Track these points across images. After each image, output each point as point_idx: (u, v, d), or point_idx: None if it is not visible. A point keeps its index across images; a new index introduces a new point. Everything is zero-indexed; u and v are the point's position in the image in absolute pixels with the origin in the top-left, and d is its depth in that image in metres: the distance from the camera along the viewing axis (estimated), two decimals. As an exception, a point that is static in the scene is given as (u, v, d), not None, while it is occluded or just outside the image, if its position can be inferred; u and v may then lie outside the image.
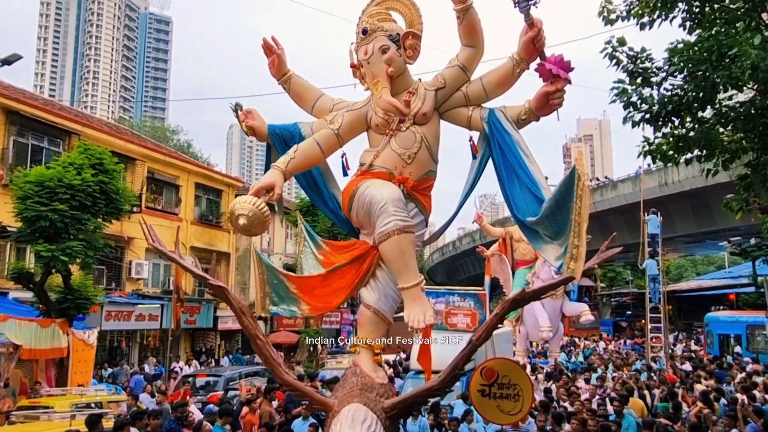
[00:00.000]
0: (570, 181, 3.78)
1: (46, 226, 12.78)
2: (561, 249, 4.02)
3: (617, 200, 31.60)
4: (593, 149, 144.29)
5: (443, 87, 4.70)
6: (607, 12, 9.33)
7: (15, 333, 12.36)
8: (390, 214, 4.21)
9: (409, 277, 4.34)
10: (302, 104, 5.27)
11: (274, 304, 5.14)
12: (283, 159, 4.59)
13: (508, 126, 4.51)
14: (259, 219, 4.20)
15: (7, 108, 18.19)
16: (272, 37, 5.09)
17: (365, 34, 4.62)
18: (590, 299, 42.32)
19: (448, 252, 59.34)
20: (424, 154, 4.67)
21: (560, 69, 4.24)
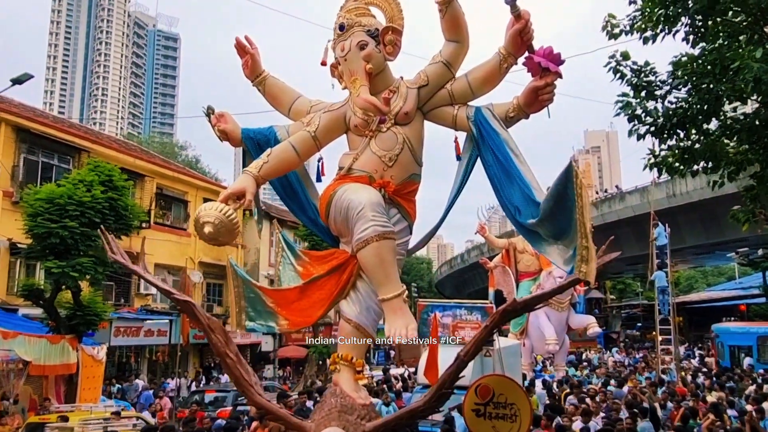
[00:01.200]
0: (566, 178, 3.54)
1: (57, 242, 12.90)
2: (569, 251, 3.77)
3: (625, 212, 31.49)
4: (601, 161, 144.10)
5: (426, 84, 4.43)
6: (610, 26, 9.39)
7: (25, 349, 12.44)
8: (368, 220, 3.90)
9: (390, 288, 4.02)
10: (278, 106, 5.00)
11: (250, 319, 4.88)
12: (255, 163, 4.32)
13: (495, 125, 4.25)
14: (227, 227, 3.92)
15: (17, 126, 18.44)
16: (245, 36, 4.85)
17: (342, 30, 4.36)
18: (600, 311, 42.08)
19: (457, 265, 59.19)
20: (407, 156, 4.39)
21: (549, 62, 3.96)
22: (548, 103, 4.16)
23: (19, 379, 12.80)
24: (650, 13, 8.74)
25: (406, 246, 4.58)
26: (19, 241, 15.42)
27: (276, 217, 34.49)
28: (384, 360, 33.56)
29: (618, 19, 9.37)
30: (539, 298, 4.38)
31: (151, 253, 21.16)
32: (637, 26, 9.02)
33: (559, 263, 3.92)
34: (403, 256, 4.52)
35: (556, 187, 3.60)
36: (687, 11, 8.28)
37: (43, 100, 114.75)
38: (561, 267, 3.90)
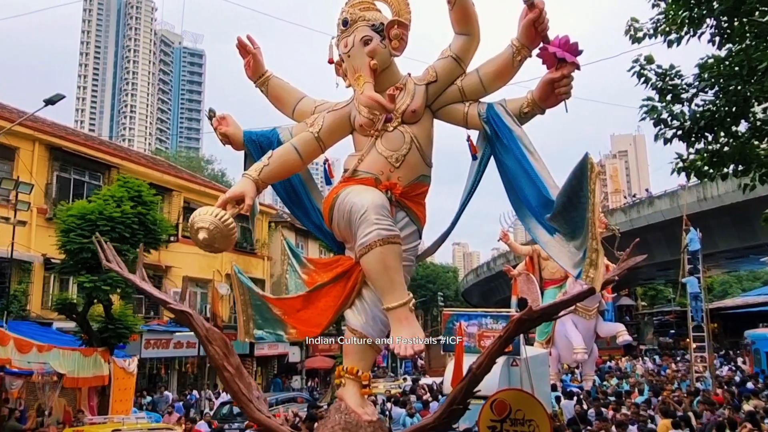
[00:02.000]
0: (581, 171, 3.28)
1: (88, 257, 13.19)
2: (579, 254, 3.50)
3: (655, 216, 30.98)
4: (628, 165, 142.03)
5: (435, 81, 4.19)
6: (633, 30, 9.28)
7: (59, 362, 12.70)
8: (371, 223, 3.66)
9: (395, 296, 3.74)
10: (282, 108, 4.80)
11: (258, 327, 4.71)
12: (255, 166, 4.11)
13: (508, 121, 3.98)
14: (223, 233, 3.72)
15: (50, 144, 18.96)
16: (247, 36, 4.65)
17: (345, 25, 4.14)
18: (631, 319, 41.30)
19: (483, 273, 58.79)
20: (415, 156, 4.15)
21: (566, 52, 3.68)
22: (565, 96, 3.87)
23: (54, 391, 13.07)
24: (674, 16, 8.62)
25: (415, 252, 4.33)
26: (53, 256, 15.80)
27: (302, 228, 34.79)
28: (411, 369, 33.34)
29: (641, 23, 9.28)
30: (556, 307, 4.14)
31: (179, 266, 21.49)
32: (661, 29, 8.91)
33: (567, 266, 3.64)
34: (412, 262, 4.29)
35: (570, 182, 3.37)
36: (712, 12, 8.15)
37: (75, 118, 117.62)
38: (569, 270, 3.65)
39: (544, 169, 3.81)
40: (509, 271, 17.21)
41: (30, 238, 17.29)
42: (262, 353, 26.03)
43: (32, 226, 17.33)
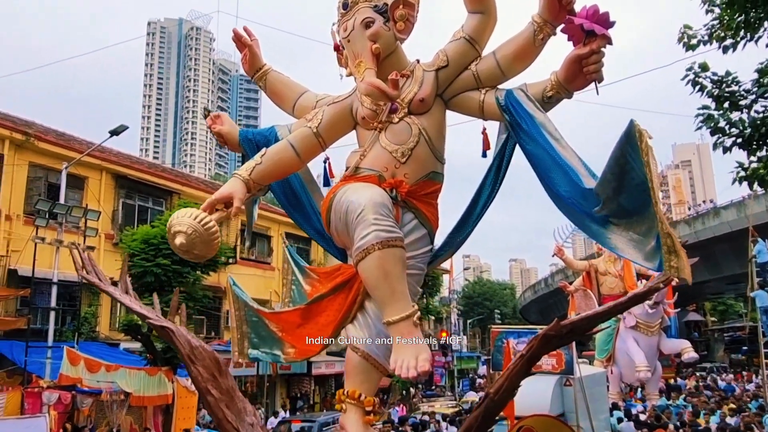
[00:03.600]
0: (627, 143, 2.78)
1: (152, 280, 13.77)
2: (649, 242, 2.92)
3: (721, 228, 29.65)
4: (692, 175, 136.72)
5: (446, 66, 3.69)
6: (687, 38, 9.05)
7: (125, 381, 13.25)
8: (369, 224, 3.17)
9: (397, 308, 3.22)
10: (282, 104, 4.40)
11: (254, 346, 4.30)
12: (246, 165, 3.71)
13: (530, 107, 3.48)
14: (203, 238, 3.32)
15: (117, 173, 20.00)
16: (244, 28, 4.32)
17: (345, 8, 3.69)
18: (700, 335, 39.47)
19: (541, 290, 57.54)
20: (424, 150, 3.64)
21: (595, 24, 3.14)
22: (595, 76, 3.31)
23: (121, 409, 13.63)
24: (729, 21, 8.37)
25: (425, 258, 3.79)
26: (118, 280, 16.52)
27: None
28: (469, 388, 32.85)
29: (694, 30, 9.04)
30: (591, 320, 3.30)
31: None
32: (716, 35, 8.65)
33: (639, 259, 3.04)
34: (422, 270, 3.79)
35: (616, 159, 2.86)
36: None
37: (139, 147, 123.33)
38: (643, 264, 3.04)
39: (574, 157, 3.30)
40: (566, 287, 16.74)
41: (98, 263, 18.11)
42: (320, 372, 26.27)
43: (100, 252, 18.20)
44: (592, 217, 3.19)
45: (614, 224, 3.10)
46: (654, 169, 2.74)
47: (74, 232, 16.18)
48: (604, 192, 2.98)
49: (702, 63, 8.48)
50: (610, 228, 3.12)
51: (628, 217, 3.00)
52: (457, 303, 52.31)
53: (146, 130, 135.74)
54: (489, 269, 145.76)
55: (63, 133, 20.98)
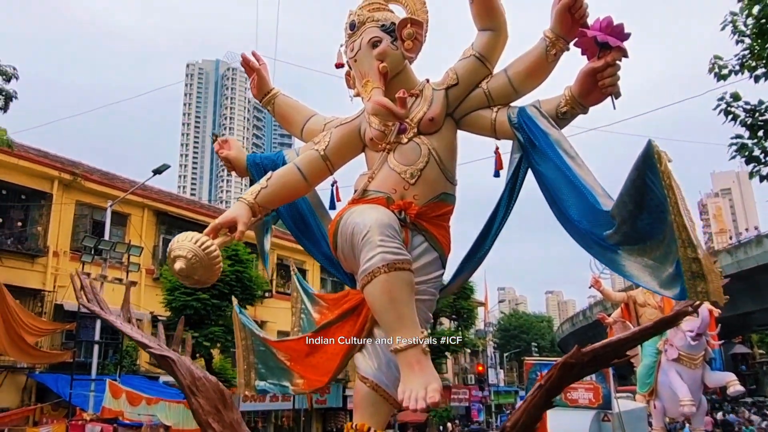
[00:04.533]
0: (645, 164, 2.64)
1: (191, 313, 14.10)
2: (666, 268, 2.76)
3: (765, 257, 28.76)
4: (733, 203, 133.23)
5: (456, 84, 3.58)
6: (718, 68, 9.10)
7: (165, 414, 13.47)
8: (375, 246, 3.03)
9: (405, 334, 3.05)
10: (290, 128, 4.34)
11: (261, 377, 4.12)
12: (252, 189, 3.60)
13: (544, 124, 3.35)
14: (203, 263, 3.18)
15: (157, 210, 20.71)
16: (252, 53, 4.26)
17: (353, 28, 3.63)
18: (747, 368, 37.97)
19: (579, 322, 56.33)
20: (434, 171, 3.52)
21: (608, 36, 3.04)
22: (611, 90, 3.17)
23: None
24: (760, 50, 8.41)
25: (437, 284, 3.62)
26: (159, 314, 16.95)
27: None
28: (507, 424, 32.07)
29: (725, 60, 9.08)
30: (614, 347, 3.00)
31: (274, 321, 22.28)
32: (747, 65, 8.68)
33: (654, 286, 2.86)
34: (433, 296, 3.62)
35: (633, 181, 2.72)
36: (800, 44, 7.89)
37: (177, 183, 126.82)
38: (660, 291, 2.85)
39: (590, 176, 3.16)
40: (604, 319, 16.36)
41: (140, 297, 18.66)
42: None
43: (141, 286, 18.71)
44: (603, 242, 3.02)
45: (627, 250, 2.94)
46: (678, 193, 2.56)
47: (117, 268, 16.72)
48: (619, 214, 2.82)
49: (734, 93, 8.50)
50: (622, 254, 2.96)
51: (641, 242, 2.85)
52: (493, 336, 51.58)
53: (184, 167, 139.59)
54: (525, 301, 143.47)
55: (107, 172, 21.88)
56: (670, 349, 15.00)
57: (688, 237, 2.54)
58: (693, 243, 2.53)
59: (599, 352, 2.99)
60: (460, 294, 29.66)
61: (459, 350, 34.14)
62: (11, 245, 17.25)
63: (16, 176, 17.42)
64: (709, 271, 2.55)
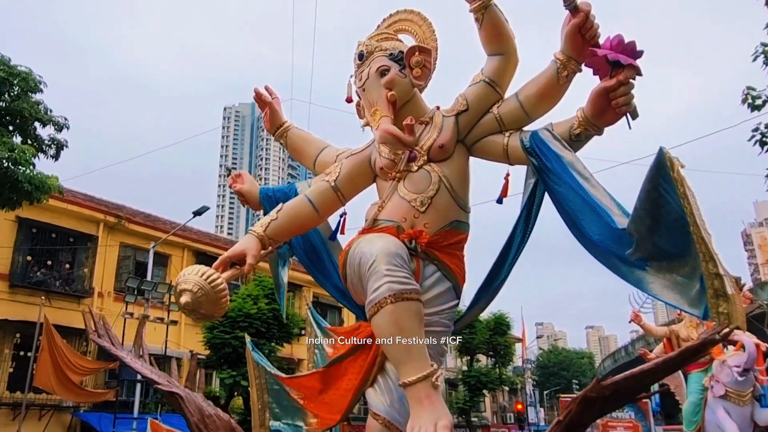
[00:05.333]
0: (658, 174, 2.54)
1: (230, 352, 14.31)
2: (693, 285, 2.63)
3: (815, 288, 27.68)
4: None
5: (466, 110, 3.52)
6: (751, 98, 9.10)
7: (205, 454, 13.56)
8: (382, 275, 2.93)
9: (413, 367, 2.92)
10: (302, 160, 4.30)
11: (275, 417, 4.02)
12: (262, 221, 3.55)
13: (557, 146, 3.27)
14: (209, 297, 3.11)
15: (197, 250, 21.25)
16: (265, 87, 4.26)
17: (361, 59, 3.60)
18: (803, 406, 36.06)
19: (621, 358, 54.59)
20: (445, 198, 3.44)
21: (620, 54, 2.96)
22: (625, 109, 3.08)
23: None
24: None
25: (451, 315, 3.48)
26: (198, 352, 17.24)
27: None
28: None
29: (758, 90, 9.07)
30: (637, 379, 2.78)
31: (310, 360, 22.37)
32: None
33: (683, 305, 2.75)
34: (448, 327, 3.48)
35: (648, 193, 2.62)
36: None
37: (215, 224, 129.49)
38: (688, 310, 2.76)
39: (605, 196, 3.08)
40: (645, 354, 15.89)
41: (180, 336, 19.03)
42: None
43: (182, 325, 19.08)
44: (628, 262, 2.89)
45: (654, 267, 2.80)
46: (693, 202, 2.43)
47: (159, 307, 17.14)
48: (637, 231, 2.71)
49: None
50: (649, 271, 2.82)
51: (668, 259, 2.71)
52: (531, 373, 50.39)
53: (221, 207, 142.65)
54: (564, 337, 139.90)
55: (149, 214, 22.64)
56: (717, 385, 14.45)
57: (708, 250, 2.40)
58: (713, 257, 2.39)
59: (621, 385, 2.79)
60: (496, 330, 29.29)
61: (497, 388, 33.47)
62: (59, 286, 17.91)
63: (65, 220, 18.19)
64: (732, 290, 2.40)
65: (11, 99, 11.99)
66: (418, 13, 3.77)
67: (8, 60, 11.84)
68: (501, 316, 30.28)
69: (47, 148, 12.58)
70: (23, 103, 11.93)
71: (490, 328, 29.15)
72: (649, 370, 2.67)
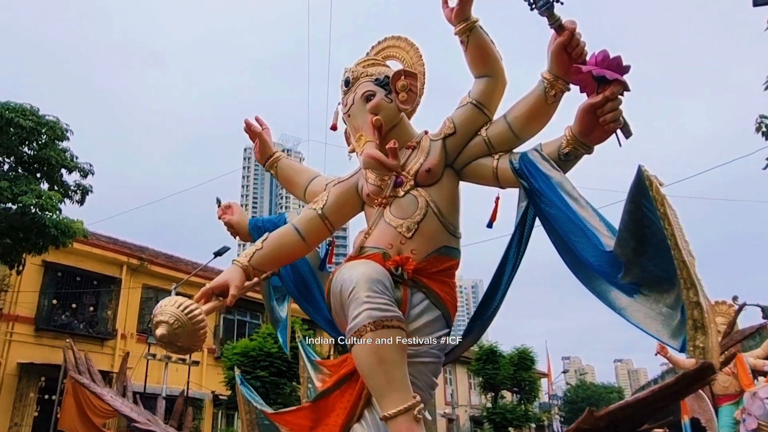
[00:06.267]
0: (638, 193, 2.43)
1: (251, 392, 14.31)
2: (676, 314, 2.49)
3: None
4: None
5: (453, 133, 3.44)
6: (765, 127, 9.10)
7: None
8: (361, 303, 2.80)
9: (394, 399, 2.74)
10: (293, 190, 4.18)
11: None
12: (246, 251, 3.44)
13: (545, 167, 3.16)
14: (187, 329, 2.95)
15: (218, 290, 21.41)
16: (256, 117, 4.23)
17: (347, 85, 3.57)
18: None
19: (651, 392, 53.13)
20: (432, 223, 3.32)
21: (604, 69, 2.89)
22: (614, 126, 2.94)
23: None
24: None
25: (441, 345, 3.31)
26: (220, 393, 17.24)
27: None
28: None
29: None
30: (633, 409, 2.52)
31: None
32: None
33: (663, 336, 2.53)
34: (438, 358, 3.28)
35: (630, 214, 2.49)
36: None
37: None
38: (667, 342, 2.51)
39: (594, 218, 2.94)
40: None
41: (201, 377, 19.08)
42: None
43: (203, 366, 19.15)
44: (618, 286, 2.71)
45: (644, 294, 2.61)
46: (675, 222, 2.27)
47: (181, 348, 17.22)
48: (623, 254, 2.57)
49: (782, 150, 8.43)
50: (637, 299, 2.63)
51: (658, 285, 2.53)
52: (559, 409, 49.18)
53: (242, 246, 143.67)
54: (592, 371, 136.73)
55: (171, 255, 22.96)
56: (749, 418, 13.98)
57: (689, 276, 2.22)
58: (694, 283, 2.21)
59: (617, 415, 2.55)
60: (520, 365, 28.82)
61: (523, 425, 32.72)
62: (83, 329, 18.15)
63: (89, 263, 18.54)
64: (710, 321, 2.21)
65: (39, 147, 12.45)
66: (405, 39, 3.75)
67: (37, 110, 12.32)
68: (524, 351, 29.85)
69: (73, 193, 12.99)
70: (50, 151, 12.38)
71: (513, 363, 28.72)
72: (645, 398, 2.40)
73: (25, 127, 11.76)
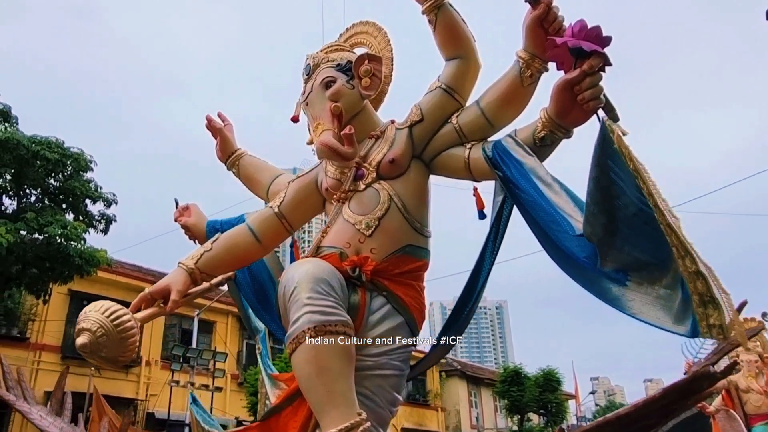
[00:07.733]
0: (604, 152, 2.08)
1: (274, 418, 14.28)
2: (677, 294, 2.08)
3: None
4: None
5: (420, 120, 3.13)
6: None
7: None
8: (302, 305, 2.48)
9: (335, 415, 2.36)
10: (255, 189, 3.82)
11: None
12: (193, 253, 3.06)
13: (519, 153, 2.83)
14: (112, 338, 2.58)
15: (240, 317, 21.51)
16: (218, 113, 3.98)
17: (308, 72, 3.29)
18: None
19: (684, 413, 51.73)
20: (395, 220, 2.99)
21: (582, 41, 2.47)
22: (593, 104, 2.47)
23: None
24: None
25: (404, 355, 2.86)
26: (244, 419, 17.21)
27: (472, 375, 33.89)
28: None
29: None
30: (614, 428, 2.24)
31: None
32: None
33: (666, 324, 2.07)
34: (400, 371, 2.84)
35: (596, 181, 2.18)
36: None
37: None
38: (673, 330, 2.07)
39: (568, 204, 2.59)
40: (704, 408, 15.03)
41: (225, 403, 19.06)
42: None
43: (227, 392, 19.16)
44: (606, 276, 2.33)
45: (635, 280, 2.26)
46: (648, 179, 1.94)
47: (204, 374, 17.30)
48: (594, 233, 2.27)
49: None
50: (630, 287, 2.28)
51: (647, 267, 2.19)
52: (588, 431, 47.99)
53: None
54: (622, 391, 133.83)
55: (194, 282, 23.19)
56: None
57: (680, 241, 1.85)
58: (688, 249, 1.84)
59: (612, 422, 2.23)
60: (546, 386, 28.35)
61: (552, 449, 32.09)
62: (108, 357, 18.33)
63: (114, 291, 18.78)
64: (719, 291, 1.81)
65: (65, 179, 12.80)
66: (374, 24, 3.48)
67: (62, 142, 12.67)
68: (550, 372, 29.36)
69: (97, 223, 13.27)
70: (75, 182, 12.71)
71: (539, 385, 28.26)
72: (627, 415, 2.15)
73: (50, 159, 12.10)
